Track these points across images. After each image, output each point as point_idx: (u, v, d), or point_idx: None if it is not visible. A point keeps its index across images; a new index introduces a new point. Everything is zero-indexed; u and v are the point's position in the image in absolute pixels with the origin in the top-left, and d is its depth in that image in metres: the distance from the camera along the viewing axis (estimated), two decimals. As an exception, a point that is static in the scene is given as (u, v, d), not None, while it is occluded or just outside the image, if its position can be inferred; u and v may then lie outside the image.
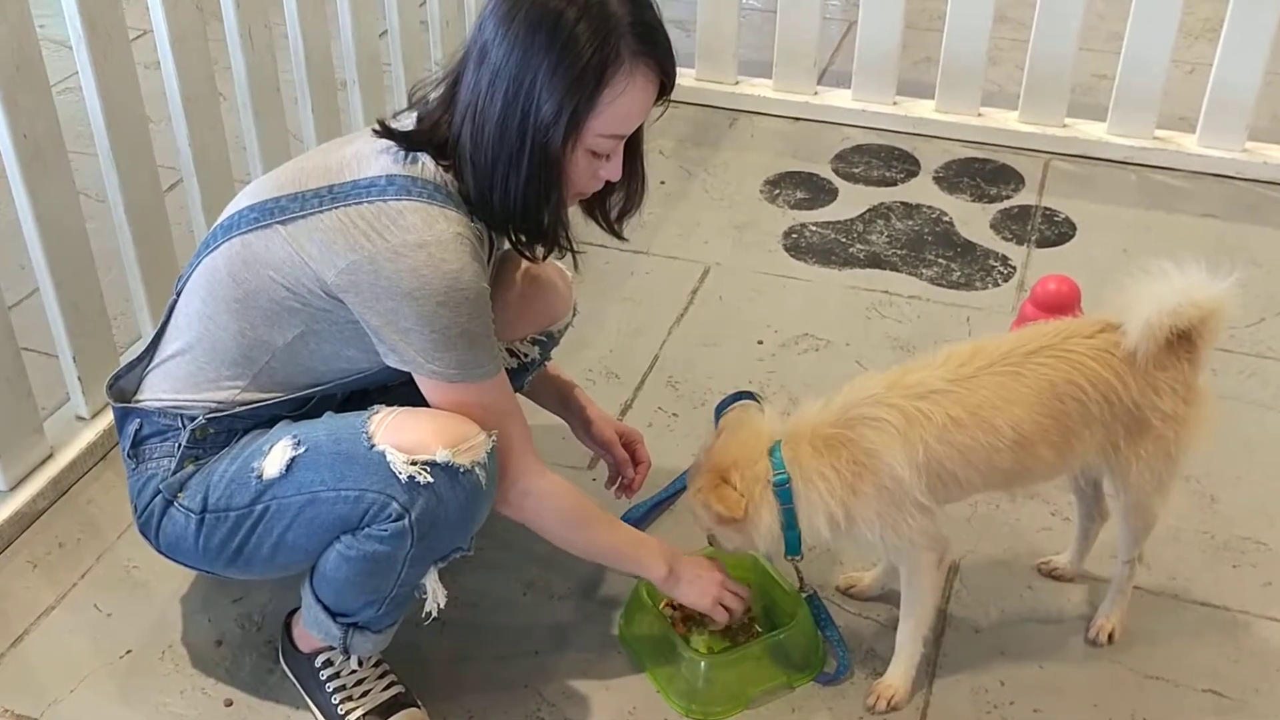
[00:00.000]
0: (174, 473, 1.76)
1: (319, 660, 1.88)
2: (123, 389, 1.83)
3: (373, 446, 1.65)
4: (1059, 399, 1.77)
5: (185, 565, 1.83)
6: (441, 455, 1.63)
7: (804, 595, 2.00)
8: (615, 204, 1.84)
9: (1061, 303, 2.53)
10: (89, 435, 2.37)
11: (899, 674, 1.92)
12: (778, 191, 3.29)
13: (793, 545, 1.85)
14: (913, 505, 1.76)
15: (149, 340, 1.85)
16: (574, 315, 2.15)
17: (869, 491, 1.76)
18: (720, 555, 2.06)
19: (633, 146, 1.77)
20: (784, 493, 1.79)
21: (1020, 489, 1.92)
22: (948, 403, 1.75)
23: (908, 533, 1.79)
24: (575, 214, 1.80)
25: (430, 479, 1.63)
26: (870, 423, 1.76)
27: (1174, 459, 1.86)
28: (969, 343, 1.84)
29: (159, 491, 1.76)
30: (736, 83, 3.68)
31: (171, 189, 2.79)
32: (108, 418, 2.38)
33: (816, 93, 3.63)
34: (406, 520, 1.63)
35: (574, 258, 1.81)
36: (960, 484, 1.79)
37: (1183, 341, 1.81)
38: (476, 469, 1.66)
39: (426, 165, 1.69)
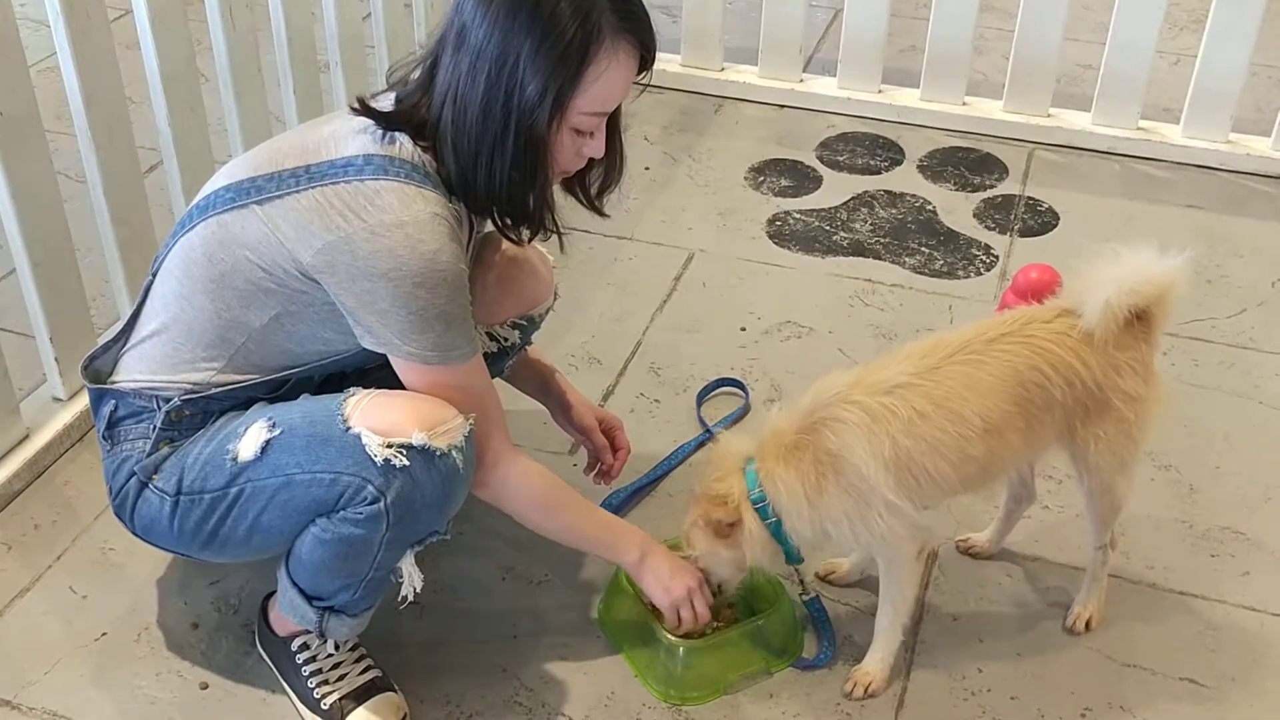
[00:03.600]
0: (149, 454, 1.74)
1: (295, 644, 1.87)
2: (98, 370, 1.81)
3: (348, 429, 1.64)
4: (1023, 385, 1.78)
5: (160, 548, 1.82)
6: (418, 438, 1.62)
7: (805, 598, 2.01)
8: (595, 180, 1.84)
9: (1043, 292, 2.50)
10: (66, 417, 2.35)
11: (877, 661, 1.92)
12: (762, 179, 3.28)
13: (792, 555, 1.87)
14: (881, 504, 1.75)
15: (125, 321, 1.83)
16: (555, 299, 2.14)
17: (833, 491, 1.76)
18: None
19: (612, 122, 1.76)
20: (764, 509, 1.80)
21: (993, 483, 1.91)
22: (913, 396, 1.75)
23: (879, 529, 1.78)
24: (556, 195, 1.79)
25: (406, 462, 1.62)
26: (832, 423, 1.75)
27: (1134, 439, 1.87)
28: (930, 336, 1.84)
29: (134, 473, 1.75)
30: (722, 69, 3.67)
31: (151, 171, 2.77)
32: (85, 399, 2.36)
33: (802, 80, 3.62)
34: (382, 503, 1.62)
35: (560, 240, 1.80)
36: (934, 479, 1.77)
37: (1140, 322, 1.82)
38: (453, 452, 1.65)
39: (404, 145, 1.67)
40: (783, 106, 3.60)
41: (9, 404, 2.26)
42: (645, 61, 1.67)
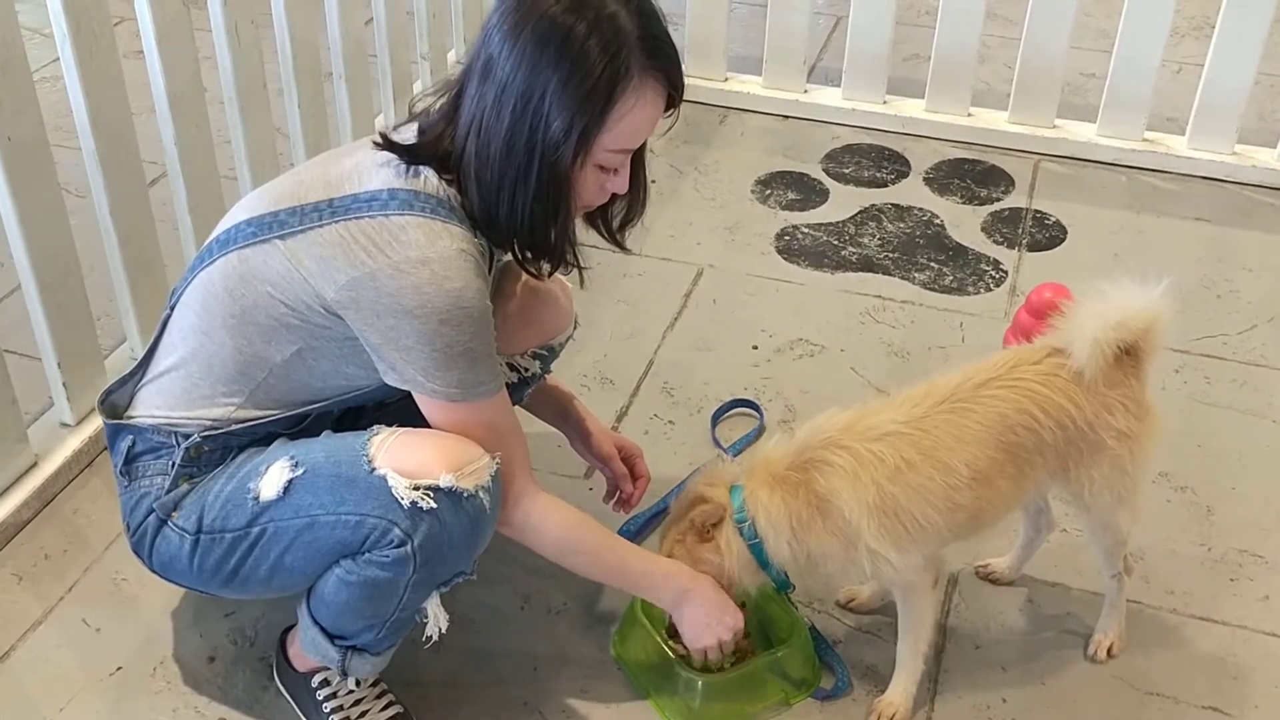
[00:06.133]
0: (168, 491, 1.72)
1: (316, 680, 1.85)
2: (115, 404, 1.79)
3: (373, 470, 1.61)
4: (1012, 430, 1.77)
5: (179, 585, 1.79)
6: (445, 480, 1.60)
7: None
8: (617, 213, 1.82)
9: (1057, 311, 2.52)
10: (74, 443, 2.32)
11: (900, 691, 1.91)
12: (769, 192, 3.26)
13: (780, 582, 1.87)
14: (865, 549, 1.75)
15: (142, 355, 1.81)
16: (575, 328, 2.12)
17: (821, 533, 1.77)
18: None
19: (636, 157, 1.74)
20: (748, 530, 1.80)
21: (984, 528, 1.89)
22: (902, 445, 1.75)
23: (867, 570, 1.78)
24: (576, 222, 1.77)
25: (433, 504, 1.59)
26: (821, 466, 1.76)
27: (1131, 476, 1.86)
28: (921, 383, 1.83)
29: (152, 510, 1.72)
30: (726, 79, 3.65)
31: (154, 183, 2.73)
32: (93, 424, 2.34)
33: (806, 90, 3.60)
34: (409, 546, 1.60)
35: (580, 273, 1.78)
36: (922, 526, 1.76)
37: (1129, 357, 1.81)
38: (480, 493, 1.63)
39: (429, 179, 1.65)
40: (787, 117, 3.58)
41: (17, 431, 2.23)
42: (673, 100, 1.65)
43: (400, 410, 1.75)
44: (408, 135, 1.70)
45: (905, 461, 1.74)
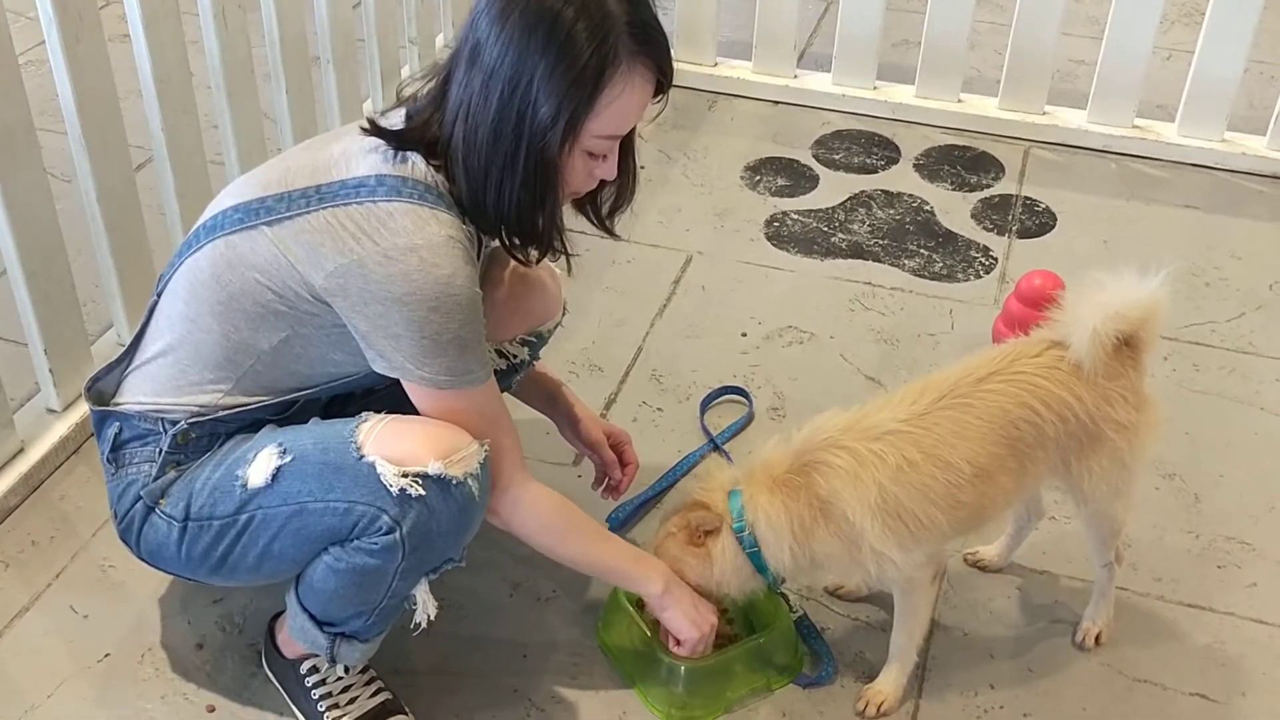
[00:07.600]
0: (155, 478, 1.71)
1: (304, 666, 1.85)
2: (101, 391, 1.78)
3: (362, 457, 1.61)
4: (1013, 425, 1.76)
5: (167, 572, 1.79)
6: (434, 467, 1.59)
7: (792, 617, 2.00)
8: (606, 200, 1.81)
9: (1046, 298, 2.51)
10: (61, 429, 2.31)
11: (890, 681, 1.91)
12: (758, 178, 3.25)
13: (773, 581, 1.86)
14: (868, 550, 1.74)
15: (129, 341, 1.80)
16: (564, 314, 2.11)
17: (823, 535, 1.76)
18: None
19: (625, 143, 1.73)
20: (746, 539, 1.78)
21: (987, 523, 1.89)
22: (903, 444, 1.74)
23: (872, 571, 1.77)
24: (564, 208, 1.76)
25: (422, 491, 1.59)
26: (821, 468, 1.75)
27: (1128, 467, 1.86)
28: (920, 378, 1.83)
29: (140, 498, 1.72)
30: (715, 64, 3.63)
31: (141, 168, 2.72)
32: (80, 410, 2.33)
33: (796, 76, 3.59)
34: (398, 533, 1.60)
35: (568, 261, 1.78)
36: (924, 525, 1.75)
37: (1127, 348, 1.81)
38: (469, 480, 1.63)
39: (417, 165, 1.64)
40: (777, 103, 3.57)
41: (3, 417, 2.22)
42: (661, 85, 1.64)
43: (389, 397, 1.74)
44: (395, 121, 1.69)
45: (906, 460, 1.73)
